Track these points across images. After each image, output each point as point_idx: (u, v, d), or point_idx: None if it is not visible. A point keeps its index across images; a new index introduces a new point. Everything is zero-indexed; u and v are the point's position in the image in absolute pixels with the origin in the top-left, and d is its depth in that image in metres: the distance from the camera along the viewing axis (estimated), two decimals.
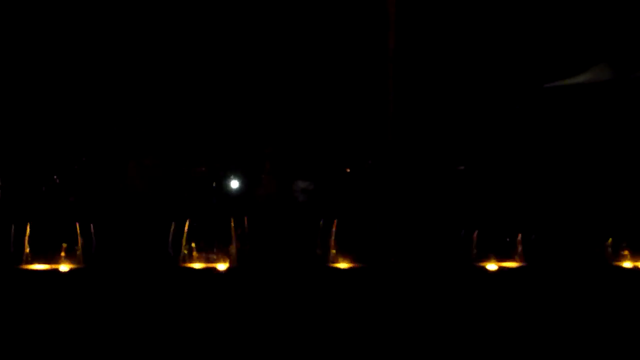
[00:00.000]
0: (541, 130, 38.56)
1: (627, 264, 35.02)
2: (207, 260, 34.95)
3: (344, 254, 35.29)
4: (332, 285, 32.43)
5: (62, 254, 33.28)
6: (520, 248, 35.11)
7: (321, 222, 35.81)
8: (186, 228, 35.69)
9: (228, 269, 34.25)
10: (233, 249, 35.28)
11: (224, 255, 35.48)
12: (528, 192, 37.17)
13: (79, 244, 34.02)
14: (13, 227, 33.67)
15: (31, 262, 32.77)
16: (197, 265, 34.60)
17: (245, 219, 35.36)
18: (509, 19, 38.23)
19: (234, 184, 40.23)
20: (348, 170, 38.85)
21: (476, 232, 35.73)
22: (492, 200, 37.04)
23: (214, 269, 34.26)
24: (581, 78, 37.95)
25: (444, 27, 38.50)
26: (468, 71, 38.63)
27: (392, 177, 38.40)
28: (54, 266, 32.33)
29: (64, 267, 32.32)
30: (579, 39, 37.74)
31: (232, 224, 35.76)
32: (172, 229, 35.94)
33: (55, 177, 37.25)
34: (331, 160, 40.07)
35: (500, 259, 35.18)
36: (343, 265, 34.88)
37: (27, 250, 33.80)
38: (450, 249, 36.20)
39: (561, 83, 38.33)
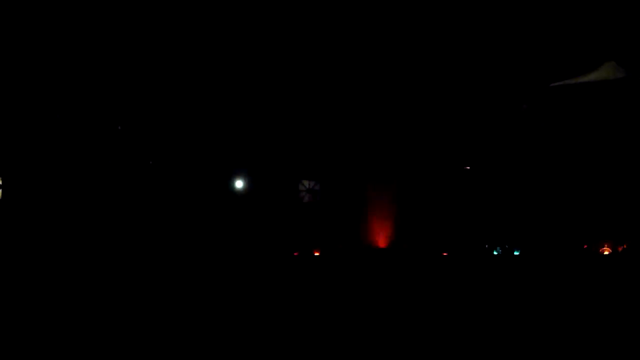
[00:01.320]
0: (548, 129, 38.30)
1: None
2: None
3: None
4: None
5: None
6: None
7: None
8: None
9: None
10: None
11: None
12: (534, 191, 36.99)
13: None
14: None
15: None
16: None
17: None
18: (515, 18, 38.00)
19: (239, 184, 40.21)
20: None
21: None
22: (499, 198, 36.95)
23: None
24: (589, 77, 37.62)
25: (451, 26, 38.32)
26: (475, 70, 38.44)
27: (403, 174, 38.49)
28: None
29: None
30: (586, 37, 37.46)
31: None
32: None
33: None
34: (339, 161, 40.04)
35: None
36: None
37: None
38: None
39: (568, 82, 38.01)
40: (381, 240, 37.60)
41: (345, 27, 38.33)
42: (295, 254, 37.56)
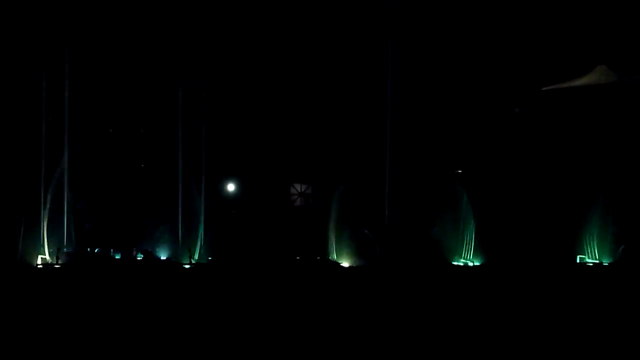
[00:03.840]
0: (540, 133, 38.48)
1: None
2: None
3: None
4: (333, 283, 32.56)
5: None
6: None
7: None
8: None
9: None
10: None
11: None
12: (527, 193, 37.11)
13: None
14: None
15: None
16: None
17: None
18: (507, 23, 38.20)
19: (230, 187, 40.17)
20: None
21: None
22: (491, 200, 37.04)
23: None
24: (581, 81, 37.88)
25: (443, 32, 38.45)
26: (467, 74, 38.57)
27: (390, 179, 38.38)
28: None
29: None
30: (578, 42, 37.72)
31: None
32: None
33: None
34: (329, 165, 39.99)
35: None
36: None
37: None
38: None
39: (559, 86, 38.27)
40: None
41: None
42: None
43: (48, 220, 36.25)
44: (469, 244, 37.16)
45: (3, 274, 32.85)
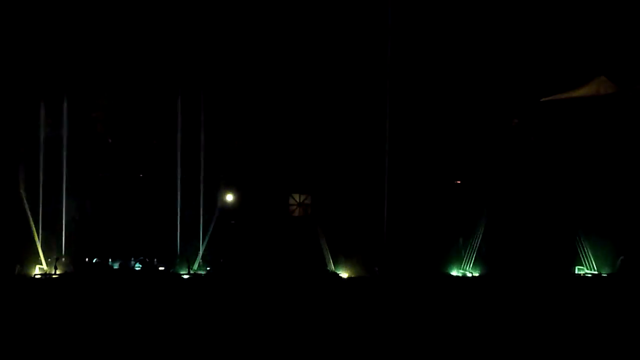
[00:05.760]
0: (539, 144, 38.53)
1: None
2: None
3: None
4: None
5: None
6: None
7: None
8: None
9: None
10: None
11: None
12: (526, 204, 37.16)
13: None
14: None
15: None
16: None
17: None
18: (506, 34, 38.29)
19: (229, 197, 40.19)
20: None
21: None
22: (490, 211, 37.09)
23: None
24: (580, 92, 37.96)
25: (442, 41, 38.53)
26: (466, 85, 38.64)
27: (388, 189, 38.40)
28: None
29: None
30: (577, 52, 37.81)
31: None
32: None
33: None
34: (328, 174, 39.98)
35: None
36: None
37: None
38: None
39: (558, 97, 38.34)
40: None
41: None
42: None
43: (44, 230, 36.35)
44: (468, 254, 37.20)
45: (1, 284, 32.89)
